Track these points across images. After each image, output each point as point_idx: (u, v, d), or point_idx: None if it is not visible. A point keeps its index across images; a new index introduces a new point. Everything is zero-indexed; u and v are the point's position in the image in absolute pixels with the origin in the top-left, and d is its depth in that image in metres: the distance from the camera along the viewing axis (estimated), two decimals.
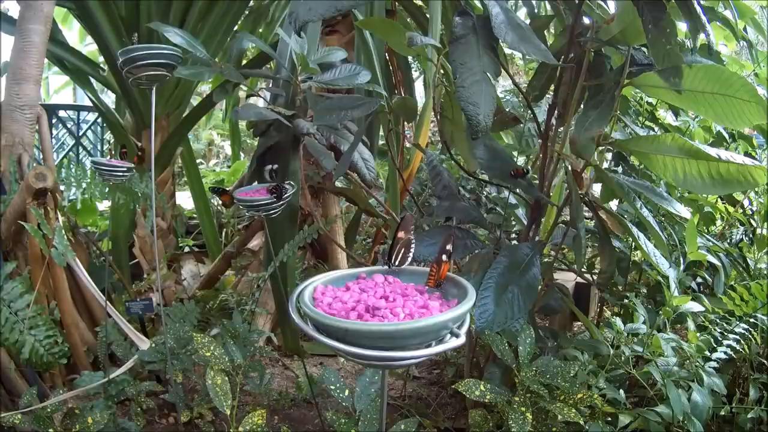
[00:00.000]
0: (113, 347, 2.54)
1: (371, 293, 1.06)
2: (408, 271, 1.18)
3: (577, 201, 1.95)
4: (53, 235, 2.39)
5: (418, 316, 0.97)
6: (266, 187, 2.00)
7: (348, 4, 1.65)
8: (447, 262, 1.10)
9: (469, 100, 1.66)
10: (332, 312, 0.98)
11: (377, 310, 0.97)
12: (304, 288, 1.06)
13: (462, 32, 1.75)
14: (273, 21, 4.13)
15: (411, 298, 1.04)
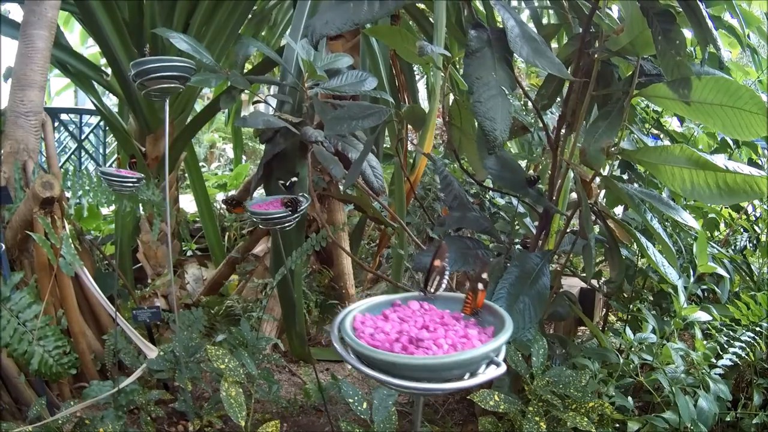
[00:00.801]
0: (121, 355, 2.54)
1: (411, 323, 1.06)
2: (442, 297, 1.18)
3: (586, 211, 1.96)
4: (60, 245, 2.39)
5: (460, 346, 0.98)
6: (279, 199, 2.00)
7: (364, 19, 1.65)
8: (483, 291, 1.10)
9: (486, 115, 1.67)
10: (376, 344, 0.98)
11: (421, 342, 0.98)
12: (344, 317, 1.06)
13: (477, 46, 1.75)
14: (276, 24, 4.13)
15: (451, 328, 1.05)
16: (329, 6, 1.68)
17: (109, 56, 3.01)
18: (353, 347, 0.96)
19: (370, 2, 1.65)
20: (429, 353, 0.95)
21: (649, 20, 1.71)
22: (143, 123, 3.15)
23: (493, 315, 1.10)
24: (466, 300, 1.11)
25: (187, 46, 2.44)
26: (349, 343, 0.97)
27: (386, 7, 1.66)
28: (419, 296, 1.18)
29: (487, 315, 1.11)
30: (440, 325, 1.05)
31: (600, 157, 1.92)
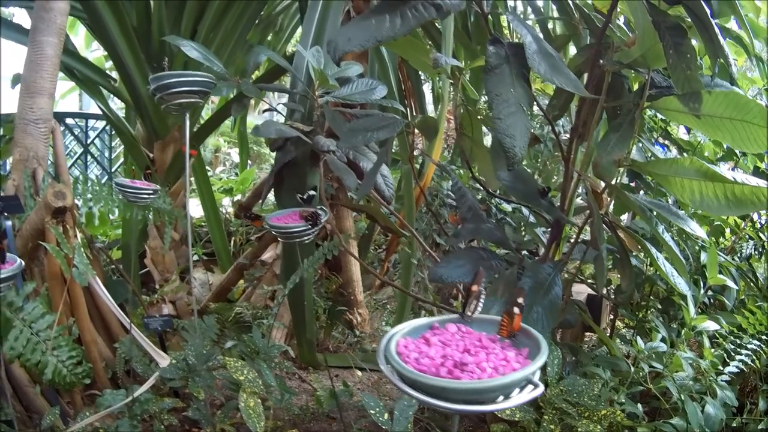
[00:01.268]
0: (133, 363, 2.54)
1: (453, 347, 1.11)
2: (477, 319, 1.24)
3: (598, 222, 1.98)
4: (73, 254, 2.39)
5: (502, 369, 1.03)
6: (298, 212, 2.01)
7: (387, 36, 1.66)
8: (519, 314, 1.15)
9: (506, 132, 1.68)
10: (422, 368, 1.02)
11: (465, 366, 1.02)
12: (388, 342, 1.10)
13: (496, 62, 1.77)
14: (282, 29, 4.13)
15: (491, 351, 1.10)
16: (354, 21, 1.69)
17: (118, 62, 3.00)
18: (401, 372, 1.00)
19: (392, 19, 1.66)
20: (474, 377, 1.00)
21: (661, 34, 1.73)
22: (151, 129, 3.15)
23: (527, 336, 1.14)
24: (501, 323, 1.16)
25: (198, 54, 2.44)
26: (397, 369, 1.02)
27: (408, 24, 1.67)
28: (456, 319, 1.23)
29: (521, 336, 1.15)
30: (481, 349, 1.11)
31: (612, 169, 1.95)
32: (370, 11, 1.70)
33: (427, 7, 1.71)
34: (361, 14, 1.76)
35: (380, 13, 1.67)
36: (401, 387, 1.00)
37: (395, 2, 1.71)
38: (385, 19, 1.66)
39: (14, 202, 2.47)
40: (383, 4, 1.72)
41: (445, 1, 1.74)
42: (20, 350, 2.27)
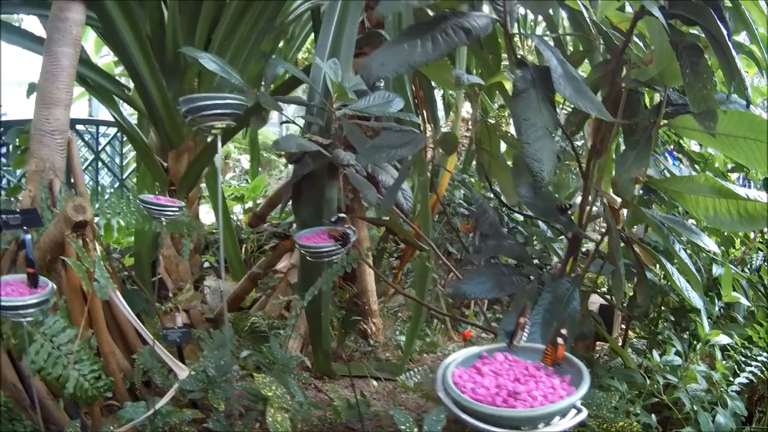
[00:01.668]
0: (151, 374, 2.56)
1: (505, 376, 1.18)
2: (521, 348, 1.30)
3: (616, 238, 2.02)
4: (94, 268, 2.40)
5: (551, 396, 1.11)
6: (326, 231, 2.03)
7: (419, 61, 1.69)
8: (563, 345, 1.21)
9: (534, 156, 1.71)
10: (479, 398, 1.10)
11: (518, 394, 1.10)
12: (444, 372, 1.16)
13: (523, 87, 1.79)
14: (293, 37, 4.14)
15: (538, 379, 1.17)
16: (387, 46, 1.71)
17: (132, 71, 3.01)
18: (458, 401, 1.08)
19: (423, 44, 1.68)
20: (527, 405, 1.07)
21: (678, 53, 1.77)
22: (165, 138, 3.15)
23: (568, 363, 1.22)
24: (546, 351, 1.22)
25: (216, 67, 2.45)
26: (455, 398, 1.09)
27: (439, 49, 1.69)
28: (503, 348, 1.29)
29: (563, 363, 1.22)
30: (529, 377, 1.18)
31: (631, 187, 1.99)
32: (402, 35, 1.72)
33: (457, 32, 1.73)
34: (393, 39, 1.78)
35: (412, 38, 1.69)
36: (460, 415, 1.06)
37: (425, 27, 1.73)
38: (417, 44, 1.68)
39: (32, 216, 2.46)
40: (414, 28, 1.74)
41: (474, 25, 1.76)
42: (41, 364, 2.25)
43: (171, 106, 3.04)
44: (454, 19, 1.76)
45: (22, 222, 2.35)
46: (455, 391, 1.10)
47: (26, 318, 1.96)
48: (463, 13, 1.81)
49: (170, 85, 3.09)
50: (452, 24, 1.74)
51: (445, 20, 1.75)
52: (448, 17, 1.77)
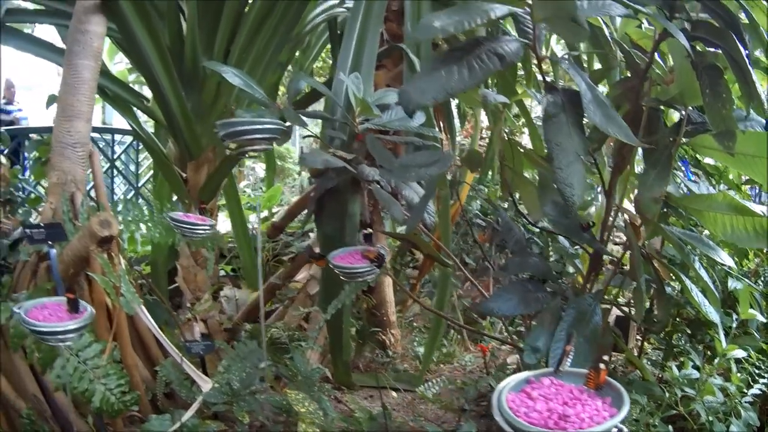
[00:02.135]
0: (174, 386, 2.60)
1: (554, 400, 1.31)
2: (565, 372, 1.44)
3: (637, 255, 2.07)
4: (120, 282, 2.43)
5: (596, 418, 1.24)
6: (359, 251, 2.07)
7: (457, 88, 1.73)
8: (605, 369, 1.35)
9: (565, 181, 1.75)
10: (532, 421, 1.23)
11: (568, 417, 1.24)
12: (499, 398, 1.29)
13: (554, 111, 1.83)
14: (309, 47, 4.18)
15: (583, 402, 1.30)
16: (424, 72, 1.76)
17: (152, 83, 3.03)
18: (514, 425, 1.22)
19: (460, 71, 1.72)
20: (576, 427, 1.22)
21: (698, 74, 1.82)
22: (184, 149, 3.18)
23: (608, 386, 1.35)
24: (589, 376, 1.36)
25: (239, 81, 2.49)
26: (511, 422, 1.23)
27: (476, 76, 1.73)
28: (549, 373, 1.43)
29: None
30: (576, 400, 1.31)
31: (652, 206, 2.04)
32: (439, 62, 1.76)
33: (491, 57, 1.77)
34: (429, 65, 1.82)
35: (448, 64, 1.73)
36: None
37: (460, 53, 1.77)
38: (454, 70, 1.72)
39: (57, 230, 2.48)
40: (450, 55, 1.78)
41: (507, 50, 1.80)
42: (67, 378, 2.29)
43: (190, 117, 3.06)
44: (487, 44, 1.80)
45: (47, 236, 2.38)
46: (511, 416, 1.24)
47: (65, 343, 1.98)
48: (496, 38, 1.86)
49: (189, 96, 3.11)
50: (486, 49, 1.78)
51: (478, 45, 1.79)
52: (482, 42, 1.80)
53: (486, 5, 1.80)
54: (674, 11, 1.86)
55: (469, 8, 1.81)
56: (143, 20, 2.91)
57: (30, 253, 2.66)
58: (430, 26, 1.72)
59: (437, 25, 1.72)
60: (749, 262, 3.21)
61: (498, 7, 1.79)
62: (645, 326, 2.88)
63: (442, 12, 1.78)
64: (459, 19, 1.73)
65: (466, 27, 1.73)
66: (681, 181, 2.70)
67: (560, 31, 1.91)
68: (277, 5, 3.12)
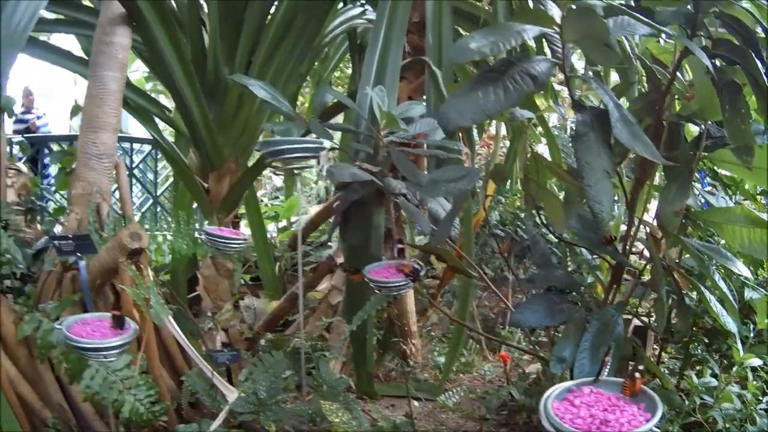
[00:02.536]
0: (200, 396, 2.66)
1: (596, 407, 1.44)
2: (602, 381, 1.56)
3: (659, 267, 2.15)
4: (149, 294, 2.50)
5: (634, 422, 1.37)
6: (393, 265, 2.15)
7: (494, 110, 1.80)
8: (640, 379, 1.48)
9: (595, 198, 1.83)
10: (577, 426, 1.37)
11: (608, 422, 1.38)
12: (545, 405, 1.42)
13: (583, 130, 1.90)
14: (328, 58, 4.26)
15: (621, 408, 1.43)
16: (461, 94, 1.83)
17: (176, 94, 3.10)
18: (562, 430, 1.36)
19: (495, 92, 1.79)
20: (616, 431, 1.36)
21: (719, 91, 1.90)
22: (206, 159, 3.25)
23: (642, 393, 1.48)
24: (625, 384, 1.48)
25: (266, 94, 2.56)
26: (558, 427, 1.37)
27: (511, 97, 1.80)
28: (588, 382, 1.55)
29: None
30: (615, 407, 1.44)
31: (674, 220, 2.13)
32: (474, 83, 1.83)
33: (524, 78, 1.85)
34: (466, 85, 1.90)
35: (484, 85, 1.80)
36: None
37: (494, 74, 1.85)
38: (490, 92, 1.79)
39: (86, 242, 2.51)
40: (484, 76, 1.85)
41: (539, 70, 1.88)
42: (96, 389, 2.36)
43: (212, 128, 3.14)
44: (520, 64, 1.87)
45: (76, 248, 2.44)
46: (558, 422, 1.37)
47: (108, 359, 2.05)
48: (527, 58, 1.94)
49: (211, 107, 3.19)
50: (519, 70, 1.85)
51: (511, 66, 1.86)
52: (514, 63, 1.87)
53: (518, 26, 1.88)
54: (695, 29, 1.94)
55: (502, 29, 1.89)
56: (167, 32, 3.00)
57: (55, 263, 2.71)
58: (467, 48, 1.80)
59: (473, 47, 1.79)
60: (764, 272, 3.30)
61: (530, 28, 1.87)
62: (664, 336, 2.96)
63: (477, 33, 1.86)
64: (494, 40, 1.81)
65: (501, 49, 1.80)
66: (699, 193, 2.81)
67: (591, 53, 1.99)
68: (298, 16, 3.21)
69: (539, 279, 2.37)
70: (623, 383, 1.49)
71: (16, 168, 3.34)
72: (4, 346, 2.53)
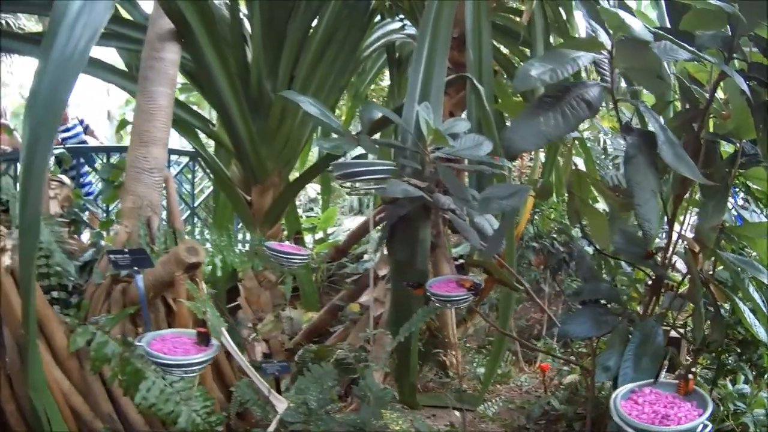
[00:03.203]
0: (250, 406, 2.84)
1: (657, 404, 1.74)
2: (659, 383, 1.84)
3: (696, 280, 2.36)
4: (206, 307, 2.68)
5: (689, 416, 1.67)
6: (454, 280, 2.35)
7: (554, 135, 2.01)
8: (692, 379, 1.77)
9: (644, 217, 2.03)
10: (643, 420, 1.67)
11: (668, 417, 1.67)
12: (615, 403, 1.71)
13: (633, 152, 2.08)
14: (365, 71, 4.45)
15: (677, 405, 1.73)
16: (522, 119, 2.03)
17: (221, 108, 3.26)
18: (631, 424, 1.65)
19: (555, 117, 1.98)
20: (675, 423, 1.65)
21: (753, 110, 2.09)
22: (249, 172, 3.42)
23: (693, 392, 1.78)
24: (680, 384, 1.77)
25: (316, 111, 2.73)
26: (628, 422, 1.66)
27: (569, 123, 1.99)
28: (648, 383, 1.84)
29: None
30: (673, 404, 1.74)
31: (711, 235, 2.34)
32: (535, 108, 2.02)
33: (580, 104, 2.04)
34: (527, 110, 2.10)
35: (544, 111, 1.98)
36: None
37: (552, 99, 2.05)
38: (550, 117, 1.98)
39: (142, 256, 2.56)
40: (543, 101, 2.04)
41: (592, 96, 2.09)
42: (152, 401, 2.51)
43: (257, 142, 3.33)
44: (575, 90, 2.06)
45: (132, 262, 2.52)
46: (627, 417, 1.67)
47: (190, 375, 2.20)
48: (581, 83, 2.15)
49: (254, 121, 3.35)
50: (574, 96, 2.05)
51: (568, 92, 2.05)
52: (570, 88, 2.06)
53: (573, 53, 2.06)
54: (732, 52, 2.11)
55: (558, 57, 2.07)
56: (215, 47, 3.17)
57: (105, 276, 2.84)
58: (528, 76, 1.98)
59: (534, 74, 1.98)
60: None
61: (583, 54, 2.06)
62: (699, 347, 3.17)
63: (536, 60, 2.07)
64: (552, 67, 2.00)
65: (560, 76, 1.99)
66: (732, 207, 3.03)
67: (642, 82, 2.20)
68: (339, 30, 3.40)
69: (586, 292, 2.58)
70: (678, 384, 1.78)
71: (59, 180, 3.52)
72: (56, 358, 2.64)
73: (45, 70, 2.07)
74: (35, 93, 2.09)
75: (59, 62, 2.09)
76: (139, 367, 2.58)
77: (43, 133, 2.08)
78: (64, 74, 2.11)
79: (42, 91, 2.08)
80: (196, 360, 2.11)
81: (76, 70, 2.15)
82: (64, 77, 2.11)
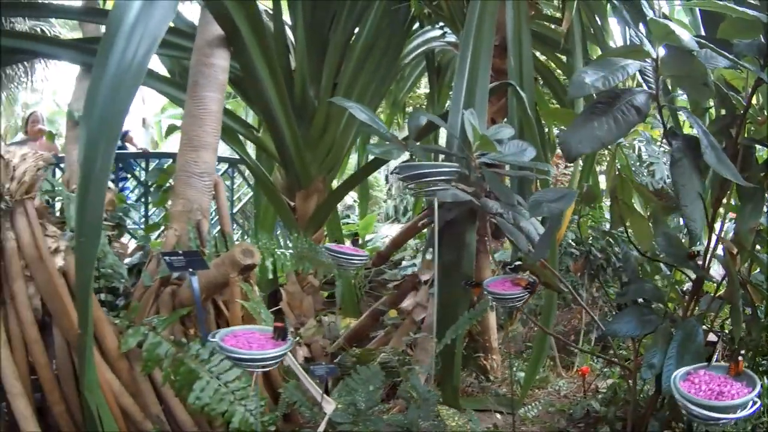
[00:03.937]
0: (298, 407, 3.02)
1: (711, 384, 2.04)
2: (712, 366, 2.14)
3: (736, 281, 2.56)
4: (260, 308, 2.88)
5: (741, 393, 1.97)
6: (509, 279, 2.55)
7: (609, 139, 2.21)
8: (741, 361, 2.07)
9: (690, 217, 2.23)
10: (701, 396, 1.98)
11: (722, 393, 1.98)
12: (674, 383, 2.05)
13: (678, 156, 2.28)
14: (403, 78, 4.66)
15: (729, 384, 2.03)
16: (578, 124, 2.21)
17: (267, 115, 3.43)
18: (691, 399, 1.97)
19: (608, 123, 2.15)
20: (728, 398, 1.96)
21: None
22: (294, 178, 3.61)
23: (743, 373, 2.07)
24: (731, 366, 2.07)
25: (366, 117, 2.89)
26: (688, 398, 1.98)
27: (621, 128, 2.18)
28: (702, 366, 2.13)
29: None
30: (726, 383, 2.03)
31: (749, 237, 2.56)
32: (588, 113, 2.23)
33: (630, 110, 2.23)
34: (582, 115, 2.31)
35: (598, 116, 2.16)
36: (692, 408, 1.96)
37: (604, 105, 2.26)
38: (603, 122, 2.16)
39: (196, 258, 2.80)
40: (596, 107, 2.23)
41: (640, 102, 2.30)
42: (206, 401, 2.63)
43: (301, 147, 3.53)
44: (624, 96, 2.27)
45: (187, 264, 2.74)
46: (687, 394, 1.98)
47: (264, 369, 2.33)
48: (630, 90, 2.36)
49: (299, 128, 3.52)
50: (624, 102, 2.24)
51: (618, 98, 2.23)
52: (620, 95, 2.26)
53: (622, 61, 2.26)
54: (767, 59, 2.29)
55: (608, 64, 2.26)
56: (264, 55, 3.34)
57: (154, 278, 3.00)
58: (583, 83, 2.17)
59: (588, 81, 2.17)
60: None
61: (631, 63, 2.27)
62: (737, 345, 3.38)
63: (588, 68, 2.26)
64: (605, 75, 2.18)
65: (611, 83, 2.21)
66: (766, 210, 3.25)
67: (688, 90, 2.42)
68: (380, 38, 3.60)
69: (632, 292, 2.79)
70: (729, 366, 2.07)
71: None
72: (107, 359, 2.76)
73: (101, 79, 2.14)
74: (92, 101, 2.15)
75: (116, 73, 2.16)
76: (193, 367, 2.69)
77: (102, 141, 2.14)
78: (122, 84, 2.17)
79: (99, 102, 2.15)
80: (272, 354, 2.23)
81: (136, 80, 2.22)
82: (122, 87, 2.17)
